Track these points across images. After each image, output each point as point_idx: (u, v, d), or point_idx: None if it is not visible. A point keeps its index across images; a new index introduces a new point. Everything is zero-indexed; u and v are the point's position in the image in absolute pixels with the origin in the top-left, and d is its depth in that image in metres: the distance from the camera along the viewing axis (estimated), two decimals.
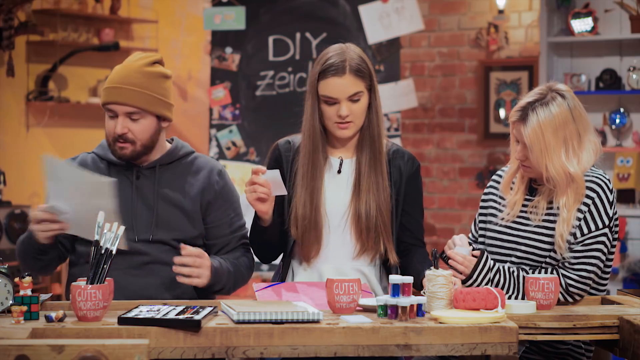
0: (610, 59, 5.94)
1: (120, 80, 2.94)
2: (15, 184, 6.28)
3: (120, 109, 2.94)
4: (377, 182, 2.93)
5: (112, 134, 2.96)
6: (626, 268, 5.64)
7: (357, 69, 2.88)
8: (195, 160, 3.09)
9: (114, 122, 2.96)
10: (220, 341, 2.38)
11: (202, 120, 6.81)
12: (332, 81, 2.87)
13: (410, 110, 6.65)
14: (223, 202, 3.06)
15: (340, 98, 2.87)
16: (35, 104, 6.48)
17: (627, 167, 5.75)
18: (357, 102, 2.89)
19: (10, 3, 5.94)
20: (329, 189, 2.96)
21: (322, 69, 2.88)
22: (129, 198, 2.98)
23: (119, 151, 2.97)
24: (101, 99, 2.99)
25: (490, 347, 2.42)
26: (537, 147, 2.80)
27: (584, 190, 2.82)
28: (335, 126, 2.91)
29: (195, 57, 7.51)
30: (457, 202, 7.12)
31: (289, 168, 2.98)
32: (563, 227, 2.81)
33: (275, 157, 3.02)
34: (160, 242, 2.97)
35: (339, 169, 2.97)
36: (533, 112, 2.81)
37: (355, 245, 2.94)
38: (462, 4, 7.13)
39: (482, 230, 3.04)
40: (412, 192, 3.01)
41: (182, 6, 7.52)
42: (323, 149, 2.95)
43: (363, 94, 2.89)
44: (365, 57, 2.93)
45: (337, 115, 2.88)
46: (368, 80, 2.91)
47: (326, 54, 2.92)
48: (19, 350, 2.14)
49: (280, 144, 3.03)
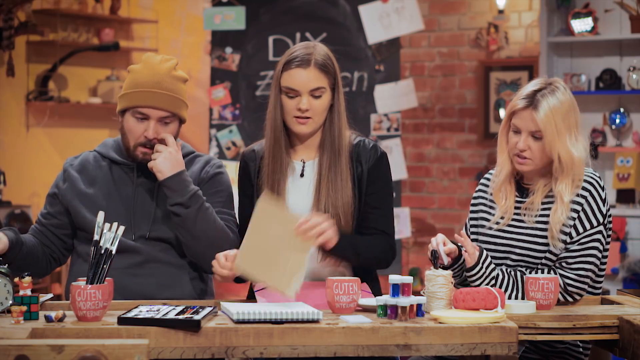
0: (610, 59, 5.94)
1: (154, 85, 2.92)
2: (15, 184, 6.28)
3: (155, 113, 2.92)
4: (336, 182, 2.88)
5: (139, 137, 2.94)
6: (626, 268, 5.63)
7: (323, 64, 2.87)
8: (195, 159, 3.10)
9: (142, 125, 2.93)
10: (220, 341, 2.38)
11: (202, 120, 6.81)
12: (295, 72, 2.86)
13: (410, 110, 6.65)
14: (210, 186, 3.02)
15: (301, 90, 2.85)
16: (35, 104, 6.48)
17: (627, 167, 5.75)
18: (318, 99, 2.87)
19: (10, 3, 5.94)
20: (292, 193, 2.93)
21: (288, 60, 2.88)
22: (130, 196, 2.99)
23: (141, 156, 2.95)
24: (129, 102, 2.94)
25: (490, 347, 2.42)
26: (550, 131, 2.81)
27: (582, 177, 2.84)
28: (294, 120, 2.88)
29: (195, 57, 7.51)
30: (457, 202, 7.12)
31: (255, 178, 2.96)
32: (557, 216, 2.81)
33: (242, 167, 3.00)
34: (159, 239, 2.97)
35: (302, 172, 2.96)
36: (543, 97, 2.82)
37: (317, 250, 2.86)
38: (462, 4, 7.13)
39: (474, 234, 3.03)
40: (375, 182, 2.94)
41: (182, 6, 7.52)
42: (286, 149, 2.93)
43: (325, 90, 2.88)
44: (332, 57, 2.92)
45: (296, 109, 2.86)
46: (332, 78, 2.89)
47: (293, 48, 2.93)
48: (19, 350, 2.14)
49: (246, 153, 3.02)
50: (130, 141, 2.96)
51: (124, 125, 2.97)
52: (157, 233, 2.97)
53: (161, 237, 2.97)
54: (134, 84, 2.95)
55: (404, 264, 6.84)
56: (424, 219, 7.20)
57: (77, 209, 2.98)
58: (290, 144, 2.96)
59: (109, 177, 3.01)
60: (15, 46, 6.12)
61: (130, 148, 2.96)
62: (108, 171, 3.01)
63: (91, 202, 2.96)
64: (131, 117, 2.94)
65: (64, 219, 3.02)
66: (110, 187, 3.00)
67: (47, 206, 3.06)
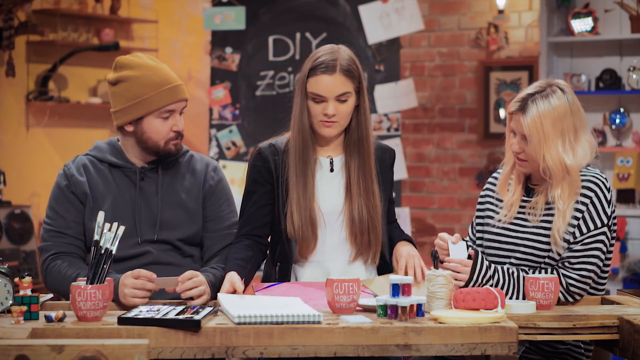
0: (610, 59, 5.94)
1: (168, 81, 2.96)
2: (15, 184, 6.28)
3: (180, 106, 2.99)
4: (367, 186, 2.95)
5: (168, 134, 2.97)
6: (626, 268, 5.63)
7: (348, 69, 2.88)
8: (192, 158, 3.10)
9: (169, 122, 2.96)
10: (220, 341, 2.38)
11: (202, 120, 6.81)
12: (321, 78, 2.87)
13: (410, 110, 6.65)
14: (218, 197, 3.07)
15: (328, 96, 2.87)
16: (35, 104, 6.48)
17: (627, 167, 5.75)
18: (344, 103, 2.89)
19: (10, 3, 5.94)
20: (322, 187, 2.96)
21: (313, 65, 2.89)
22: (133, 200, 2.98)
23: (175, 147, 2.99)
24: (153, 104, 2.93)
25: (490, 347, 2.42)
26: (535, 137, 2.82)
27: (579, 184, 2.83)
28: (320, 124, 2.91)
29: (195, 57, 7.51)
30: (457, 202, 7.12)
31: (280, 172, 2.97)
32: (559, 222, 2.81)
33: (260, 161, 2.98)
34: (164, 242, 2.98)
35: (331, 167, 2.98)
36: (533, 103, 2.83)
37: (350, 249, 2.97)
38: (462, 4, 7.13)
39: (479, 232, 3.04)
40: (390, 181, 3.07)
41: (182, 6, 7.51)
42: (313, 147, 2.95)
43: (351, 95, 2.90)
44: (356, 60, 2.94)
45: (323, 114, 2.88)
46: (357, 82, 2.91)
47: (318, 52, 2.93)
48: (19, 350, 2.14)
49: (264, 148, 3.00)
50: (159, 142, 2.96)
51: (145, 130, 2.95)
52: (162, 236, 2.97)
53: (166, 240, 2.98)
54: (144, 88, 2.93)
55: None
56: (424, 219, 7.20)
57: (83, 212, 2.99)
58: (317, 141, 2.98)
59: (110, 181, 3.00)
60: (15, 46, 6.12)
61: (161, 147, 2.97)
62: (109, 175, 3.01)
63: (97, 207, 2.95)
64: (155, 119, 2.94)
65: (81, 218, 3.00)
66: (113, 191, 2.99)
67: (60, 218, 2.97)
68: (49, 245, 2.95)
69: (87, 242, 2.98)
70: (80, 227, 2.97)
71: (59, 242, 2.96)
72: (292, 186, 2.92)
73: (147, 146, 2.97)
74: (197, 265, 3.03)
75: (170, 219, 2.99)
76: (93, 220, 2.81)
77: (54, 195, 3.00)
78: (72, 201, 2.97)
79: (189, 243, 3.03)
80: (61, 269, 2.90)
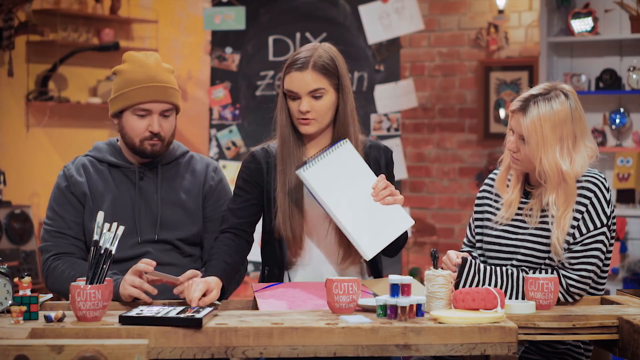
0: (610, 59, 5.94)
1: (150, 79, 2.92)
2: (15, 184, 6.28)
3: (157, 107, 2.93)
4: None
5: (143, 133, 2.94)
6: (626, 268, 5.63)
7: (322, 66, 2.88)
8: (192, 159, 3.11)
9: (145, 121, 2.93)
10: (219, 341, 2.38)
11: (202, 120, 6.81)
12: (293, 75, 2.88)
13: (410, 110, 6.65)
14: (218, 198, 3.07)
15: (300, 92, 2.87)
16: (35, 104, 6.48)
17: (627, 167, 5.75)
18: (319, 99, 2.88)
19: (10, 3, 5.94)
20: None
21: (288, 64, 2.91)
22: (132, 199, 2.98)
23: (150, 148, 2.95)
24: (128, 100, 2.93)
25: (489, 347, 2.42)
26: (534, 139, 2.81)
27: (574, 192, 2.82)
28: (297, 122, 2.91)
29: (195, 57, 7.51)
30: (457, 202, 7.12)
31: (271, 174, 2.96)
32: (558, 232, 2.81)
33: (251, 164, 2.98)
34: (164, 242, 2.98)
35: None
36: (535, 104, 2.82)
37: (338, 250, 2.95)
38: (462, 4, 7.13)
39: (479, 235, 3.03)
40: (390, 179, 3.01)
41: (182, 6, 7.51)
42: (298, 147, 2.94)
43: (326, 91, 2.89)
44: (337, 57, 2.93)
45: (298, 111, 2.88)
46: (335, 78, 2.90)
47: (298, 51, 2.94)
48: (19, 350, 2.14)
49: (257, 151, 3.01)
50: (134, 139, 2.96)
51: (124, 125, 2.96)
52: (163, 236, 2.97)
53: (166, 239, 2.98)
54: (127, 82, 2.94)
55: (404, 264, 6.84)
56: (424, 219, 7.20)
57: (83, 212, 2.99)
58: (302, 141, 2.97)
59: (110, 181, 3.00)
60: (15, 46, 6.11)
61: (137, 145, 2.96)
62: (109, 175, 3.01)
63: (96, 207, 2.95)
64: (131, 116, 2.94)
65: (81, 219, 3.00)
66: (113, 191, 2.99)
67: (60, 218, 2.98)
68: (50, 246, 2.96)
69: (87, 243, 2.98)
70: (80, 227, 2.98)
71: (60, 243, 2.97)
72: (279, 187, 2.92)
73: (126, 142, 2.99)
74: (197, 265, 3.03)
75: (170, 218, 2.99)
76: (92, 221, 2.81)
77: (54, 196, 3.01)
78: (72, 202, 2.98)
79: (189, 243, 3.04)
80: (63, 270, 2.90)
